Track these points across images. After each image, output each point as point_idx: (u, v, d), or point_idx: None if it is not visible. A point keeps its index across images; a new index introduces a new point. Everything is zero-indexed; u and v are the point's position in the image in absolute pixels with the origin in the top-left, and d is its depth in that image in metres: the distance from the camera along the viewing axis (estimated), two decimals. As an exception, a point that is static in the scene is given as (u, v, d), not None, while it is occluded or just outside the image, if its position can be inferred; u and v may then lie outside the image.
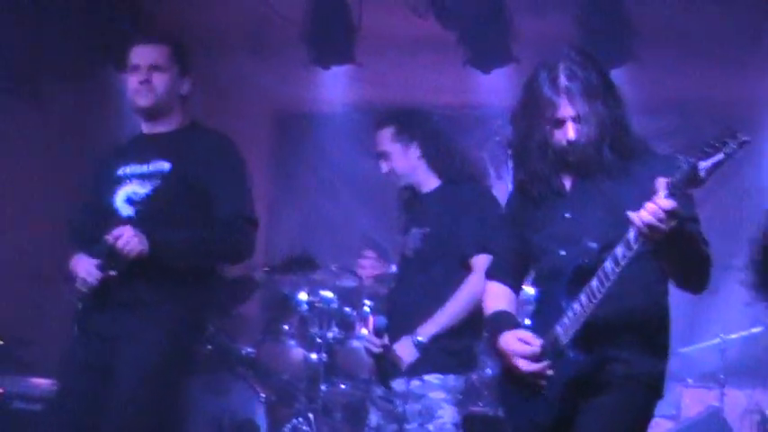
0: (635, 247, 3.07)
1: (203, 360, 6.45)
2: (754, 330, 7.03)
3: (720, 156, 2.79)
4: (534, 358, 3.35)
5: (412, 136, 4.80)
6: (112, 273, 4.12)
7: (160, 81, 4.32)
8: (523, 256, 3.63)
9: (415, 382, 4.57)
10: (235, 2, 7.81)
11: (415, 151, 4.81)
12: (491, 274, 3.77)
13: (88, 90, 8.42)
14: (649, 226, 2.96)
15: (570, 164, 3.42)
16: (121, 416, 4.04)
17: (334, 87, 8.27)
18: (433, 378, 4.56)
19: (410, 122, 4.84)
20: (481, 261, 4.51)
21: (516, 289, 3.70)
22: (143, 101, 4.32)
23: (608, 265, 3.15)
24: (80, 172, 8.33)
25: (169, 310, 4.16)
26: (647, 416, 3.43)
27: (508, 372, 3.47)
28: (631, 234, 3.06)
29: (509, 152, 3.64)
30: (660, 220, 2.94)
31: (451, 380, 4.60)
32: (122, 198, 4.28)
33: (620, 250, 3.10)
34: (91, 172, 4.56)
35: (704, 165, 2.82)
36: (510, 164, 3.66)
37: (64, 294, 4.41)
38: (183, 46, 4.49)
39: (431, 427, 4.54)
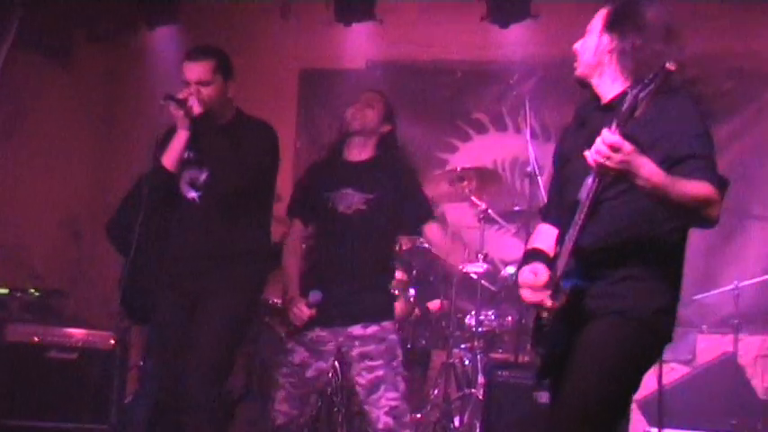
0: (596, 181, 3.16)
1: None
2: (769, 277, 7.03)
3: (653, 86, 2.99)
4: (538, 289, 3.36)
5: None
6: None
7: (207, 92, 4.86)
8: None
9: None
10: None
11: None
12: (541, 216, 3.81)
13: (119, 50, 8.54)
14: (598, 162, 3.06)
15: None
16: (209, 354, 4.78)
17: (357, 44, 8.40)
18: None
19: None
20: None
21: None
22: (196, 109, 4.83)
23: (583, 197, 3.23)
24: (108, 130, 8.57)
25: (244, 272, 4.95)
26: (637, 353, 3.35)
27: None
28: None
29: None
30: (607, 155, 3.03)
31: None
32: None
33: (589, 182, 3.20)
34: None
35: (642, 95, 3.00)
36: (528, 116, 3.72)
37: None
38: (226, 58, 5.00)
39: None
